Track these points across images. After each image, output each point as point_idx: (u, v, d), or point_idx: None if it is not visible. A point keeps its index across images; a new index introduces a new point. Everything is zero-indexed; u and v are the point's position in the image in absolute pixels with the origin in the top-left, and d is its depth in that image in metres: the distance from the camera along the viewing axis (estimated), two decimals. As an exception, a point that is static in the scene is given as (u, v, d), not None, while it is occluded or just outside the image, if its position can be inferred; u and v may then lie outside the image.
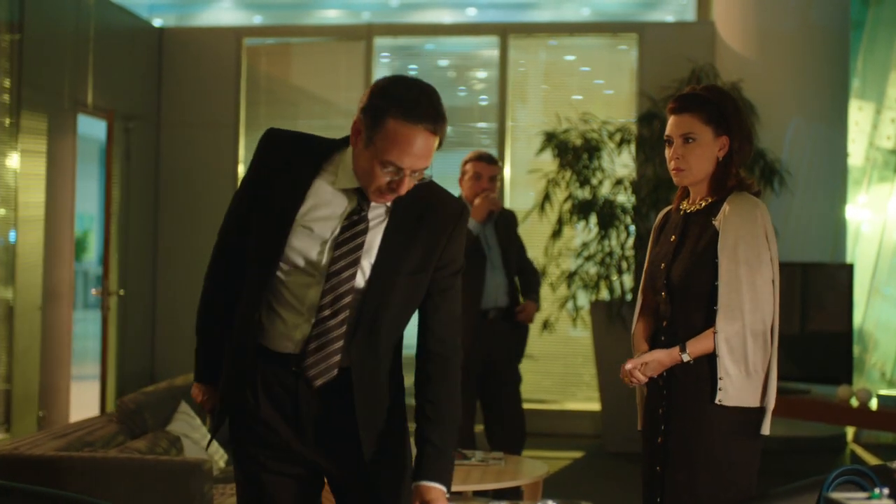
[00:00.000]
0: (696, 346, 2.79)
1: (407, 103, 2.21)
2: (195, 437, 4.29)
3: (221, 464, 4.38)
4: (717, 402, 2.75)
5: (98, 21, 6.66)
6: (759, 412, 2.80)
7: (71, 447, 3.66)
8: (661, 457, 2.86)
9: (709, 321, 2.80)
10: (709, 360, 2.79)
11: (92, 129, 7.53)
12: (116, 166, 7.00)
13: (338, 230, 2.29)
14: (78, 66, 6.45)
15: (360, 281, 2.30)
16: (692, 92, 2.97)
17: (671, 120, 2.95)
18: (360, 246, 2.29)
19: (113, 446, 3.87)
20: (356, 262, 2.29)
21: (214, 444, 4.42)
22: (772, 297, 2.79)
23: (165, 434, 4.15)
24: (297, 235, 2.30)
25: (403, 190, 2.25)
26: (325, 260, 2.29)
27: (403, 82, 2.27)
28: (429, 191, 2.37)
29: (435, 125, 2.23)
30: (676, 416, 2.83)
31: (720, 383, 2.75)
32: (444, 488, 2.30)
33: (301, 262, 2.30)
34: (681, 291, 2.86)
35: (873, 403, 5.54)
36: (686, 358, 2.78)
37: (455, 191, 4.85)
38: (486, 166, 4.97)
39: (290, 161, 2.34)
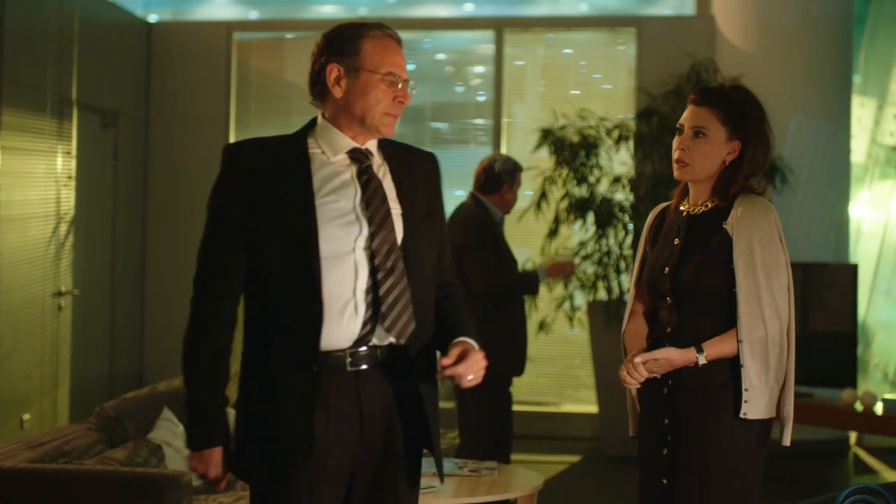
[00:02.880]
0: (715, 349, 2.64)
1: (368, 23, 2.34)
2: (178, 445, 4.15)
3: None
4: (742, 415, 2.61)
5: (83, 15, 6.50)
6: (771, 421, 2.68)
7: (46, 458, 3.52)
8: (667, 469, 2.72)
9: (719, 328, 2.66)
10: (721, 369, 2.65)
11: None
12: (103, 164, 6.86)
13: (360, 191, 2.30)
14: (62, 61, 6.30)
15: (398, 230, 2.32)
16: (720, 87, 2.83)
17: (689, 109, 2.80)
18: (385, 196, 2.32)
19: (90, 456, 3.72)
20: (388, 212, 2.31)
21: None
22: (787, 302, 2.66)
23: (146, 442, 4.00)
24: (322, 213, 2.27)
25: (409, 99, 2.34)
26: (361, 226, 2.28)
27: (341, 24, 2.36)
28: (400, 145, 2.46)
29: (398, 37, 2.37)
30: (686, 427, 2.69)
31: (745, 395, 2.61)
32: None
33: (337, 238, 2.27)
34: (690, 297, 2.72)
35: (878, 408, 5.40)
36: (702, 360, 2.64)
37: (451, 188, 4.75)
38: None
39: (276, 156, 2.32)
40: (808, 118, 6.79)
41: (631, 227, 6.60)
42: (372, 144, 2.39)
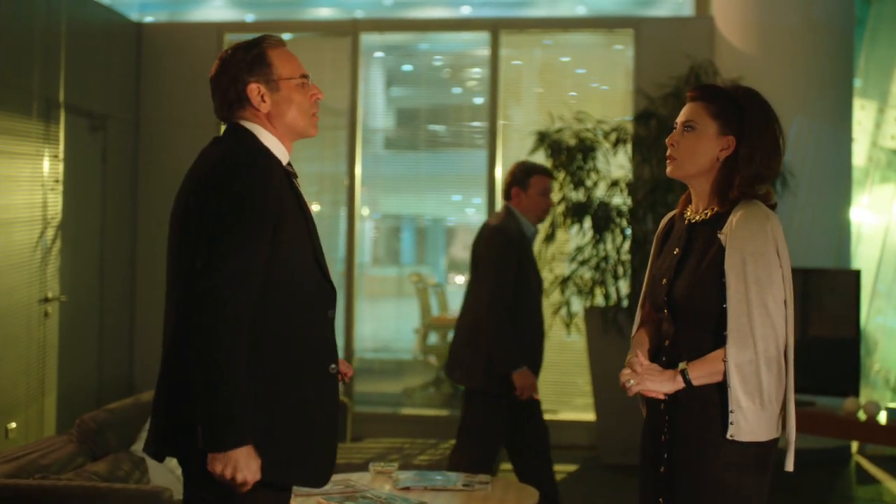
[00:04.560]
0: (700, 372, 2.51)
1: (262, 38, 2.42)
2: (162, 457, 4.02)
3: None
4: (728, 437, 2.47)
5: (71, 16, 6.38)
6: (771, 443, 2.54)
7: (22, 472, 3.39)
8: (664, 487, 2.60)
9: (715, 344, 2.52)
10: (718, 388, 2.51)
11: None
12: (91, 167, 6.74)
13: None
14: (49, 63, 6.17)
15: None
16: (721, 85, 2.73)
17: (685, 107, 2.70)
18: None
19: (70, 470, 3.60)
20: None
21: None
22: (784, 318, 2.50)
23: (129, 455, 3.87)
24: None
25: (322, 94, 2.48)
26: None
27: (236, 46, 2.43)
28: None
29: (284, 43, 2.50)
30: (682, 446, 2.56)
31: (731, 416, 2.46)
32: None
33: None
34: (684, 311, 2.58)
35: (882, 417, 5.28)
36: (694, 382, 2.51)
37: (447, 191, 4.60)
38: (551, 181, 4.63)
39: (281, 172, 2.39)
40: (808, 121, 6.68)
41: (629, 231, 6.49)
42: None
